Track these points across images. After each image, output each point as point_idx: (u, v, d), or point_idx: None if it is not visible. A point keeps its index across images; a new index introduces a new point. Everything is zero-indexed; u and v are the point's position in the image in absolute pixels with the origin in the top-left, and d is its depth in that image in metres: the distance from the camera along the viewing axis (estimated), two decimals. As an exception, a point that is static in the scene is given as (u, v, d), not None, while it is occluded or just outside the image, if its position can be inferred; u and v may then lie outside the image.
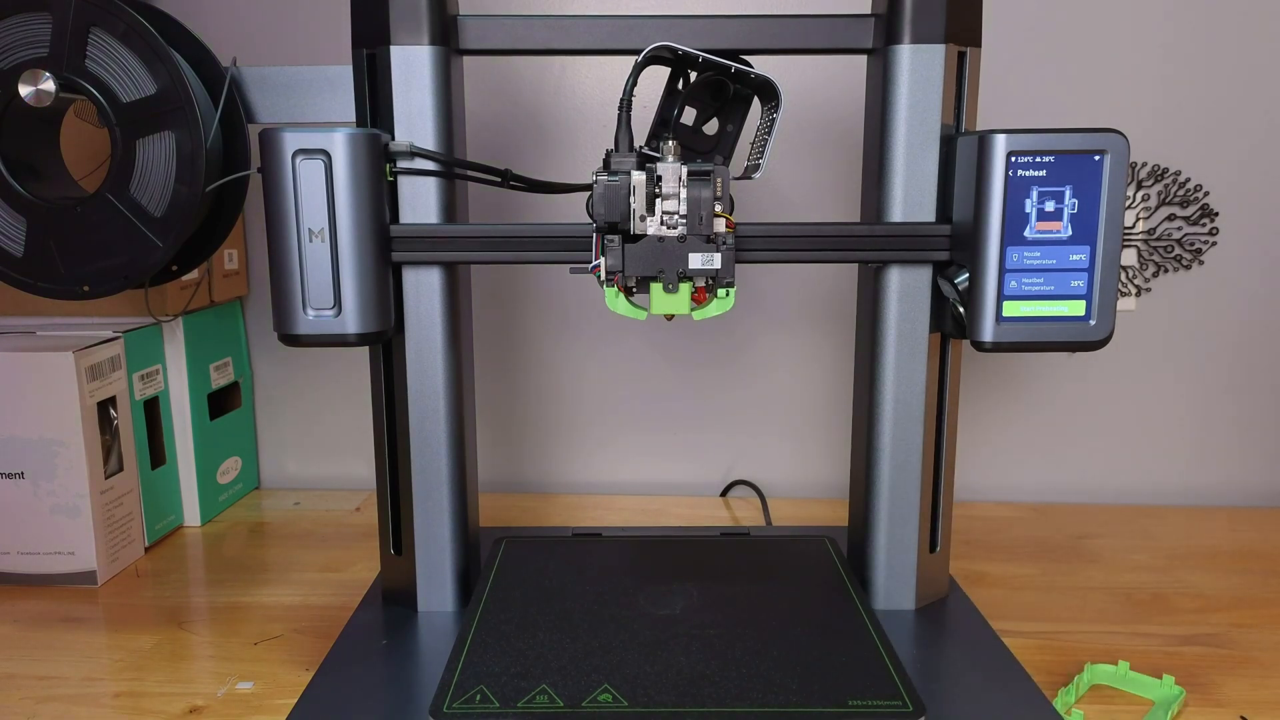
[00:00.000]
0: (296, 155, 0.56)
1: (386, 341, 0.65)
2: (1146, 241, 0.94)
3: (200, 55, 0.64)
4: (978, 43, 0.63)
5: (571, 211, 0.61)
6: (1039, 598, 0.75)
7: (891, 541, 0.68)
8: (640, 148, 0.59)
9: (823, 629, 0.59)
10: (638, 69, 0.58)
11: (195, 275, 0.87)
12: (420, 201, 0.63)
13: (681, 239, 0.57)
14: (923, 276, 0.64)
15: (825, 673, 0.54)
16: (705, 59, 0.60)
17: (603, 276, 0.58)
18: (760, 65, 0.62)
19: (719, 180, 0.57)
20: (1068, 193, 0.56)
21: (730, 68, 0.60)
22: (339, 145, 0.57)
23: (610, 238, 0.57)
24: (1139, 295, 0.95)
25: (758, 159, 0.63)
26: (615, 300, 0.59)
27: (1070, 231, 0.57)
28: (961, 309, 0.59)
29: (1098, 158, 0.56)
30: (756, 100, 0.66)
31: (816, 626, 0.60)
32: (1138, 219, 0.94)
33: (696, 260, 0.57)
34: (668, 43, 0.59)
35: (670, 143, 0.57)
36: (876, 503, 0.68)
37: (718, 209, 0.57)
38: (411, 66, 0.61)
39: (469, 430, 0.69)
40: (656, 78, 0.67)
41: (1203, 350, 0.97)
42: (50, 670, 0.65)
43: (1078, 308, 0.58)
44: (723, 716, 0.50)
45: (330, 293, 0.58)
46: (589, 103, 0.94)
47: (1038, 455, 0.99)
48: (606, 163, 0.58)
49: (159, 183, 0.61)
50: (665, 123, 0.67)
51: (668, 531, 0.83)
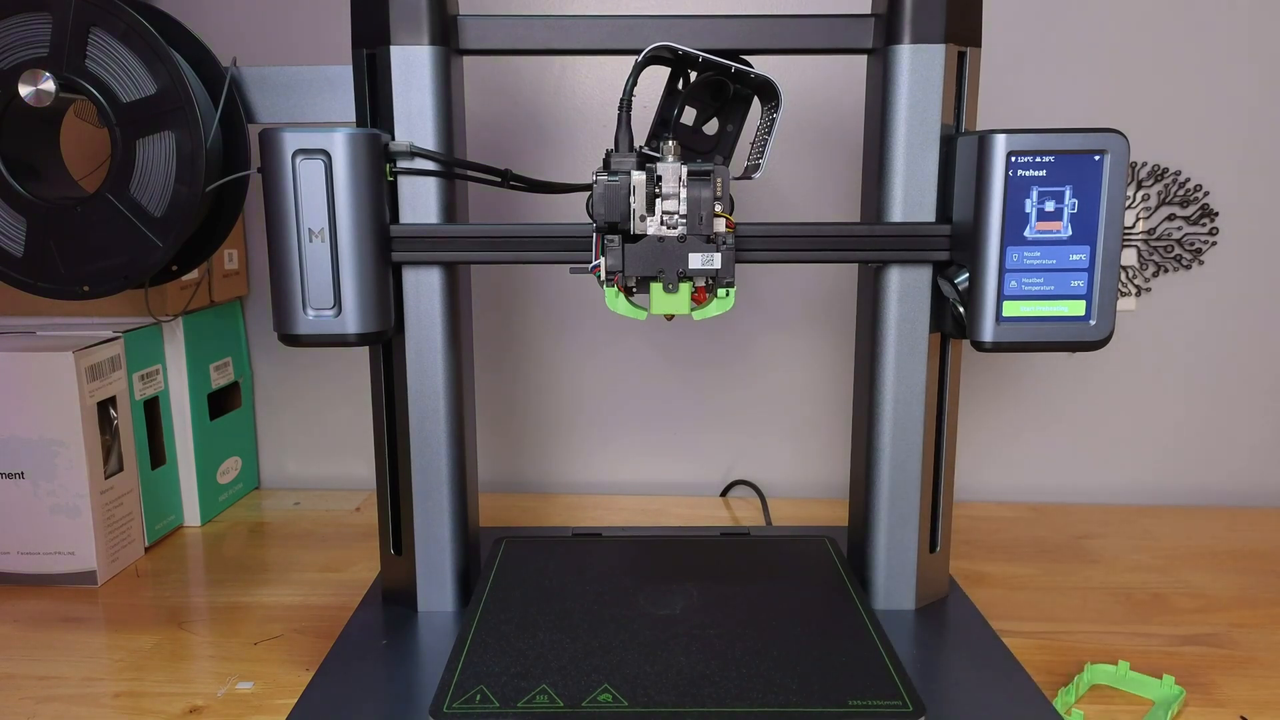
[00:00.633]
0: (296, 155, 0.56)
1: (386, 341, 0.65)
2: (1146, 241, 0.94)
3: (200, 55, 0.64)
4: (978, 42, 0.63)
5: (571, 211, 0.61)
6: (1039, 598, 0.75)
7: (891, 541, 0.68)
8: (640, 148, 0.59)
9: (823, 629, 0.59)
10: (637, 69, 0.58)
11: (195, 275, 0.87)
12: (420, 201, 0.63)
13: (681, 239, 0.57)
14: (923, 276, 0.64)
15: (825, 673, 0.54)
16: (705, 59, 0.60)
17: (603, 276, 0.58)
18: (760, 65, 0.62)
19: (719, 180, 0.57)
20: (1068, 193, 0.56)
21: (730, 68, 0.60)
22: (339, 145, 0.57)
23: (610, 238, 0.57)
24: (1139, 295, 0.95)
25: (758, 159, 0.63)
26: (615, 300, 0.59)
27: (1070, 231, 0.57)
28: (961, 309, 0.59)
29: (1098, 158, 0.56)
30: (756, 100, 0.66)
31: (816, 626, 0.60)
32: (1138, 219, 0.94)
33: (696, 260, 0.57)
34: (667, 43, 0.59)
35: (670, 143, 0.57)
36: (876, 503, 0.68)
37: (718, 209, 0.57)
38: (411, 66, 0.61)
39: (469, 430, 0.69)
40: (656, 78, 0.67)
41: (1203, 350, 0.97)
42: (50, 670, 0.65)
43: (1078, 308, 0.58)
44: (723, 716, 0.50)
45: (330, 293, 0.58)
46: (589, 103, 0.94)
47: (1038, 455, 0.99)
48: (606, 163, 0.58)
49: (159, 183, 0.61)
50: (665, 123, 0.67)
51: (668, 531, 0.83)
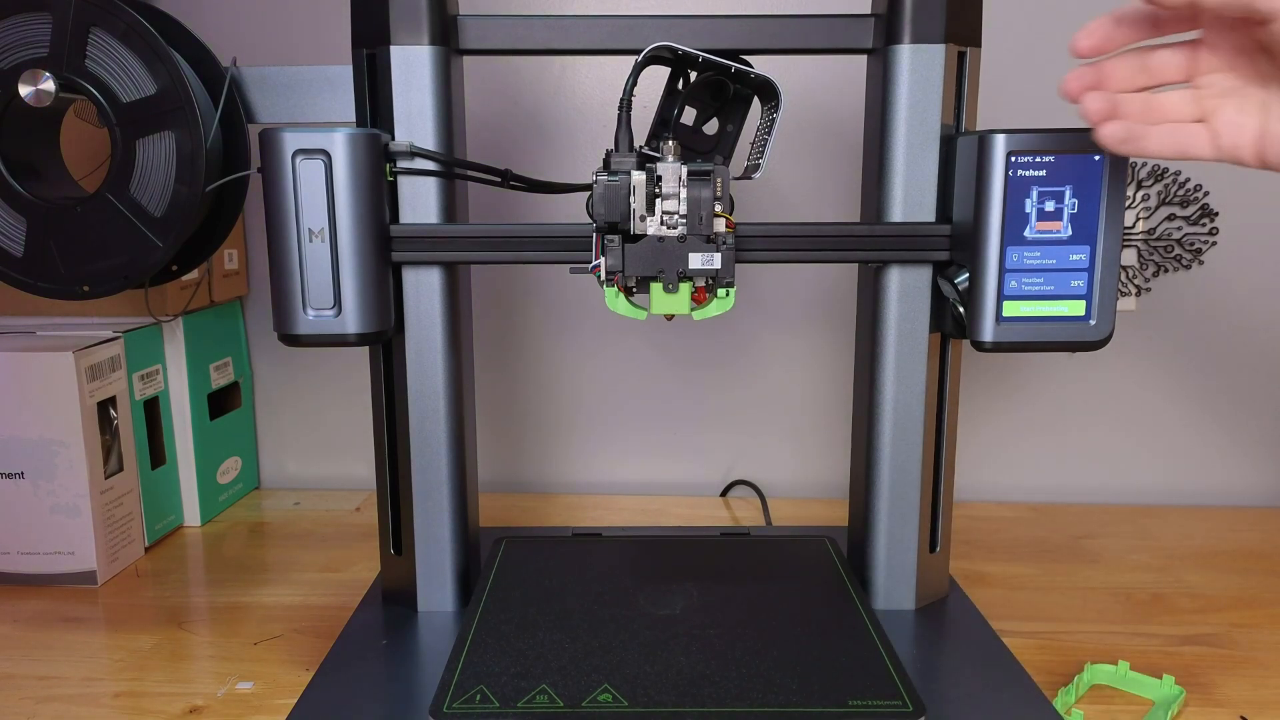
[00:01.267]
0: (296, 155, 0.56)
1: (386, 341, 0.65)
2: (1146, 241, 0.94)
3: (200, 55, 0.64)
4: (978, 42, 0.63)
5: (571, 211, 0.61)
6: (1039, 598, 0.75)
7: (891, 541, 0.68)
8: (640, 148, 0.59)
9: (823, 629, 0.59)
10: (637, 69, 0.58)
11: (195, 275, 0.87)
12: (420, 201, 0.63)
13: (681, 239, 0.57)
14: (923, 276, 0.64)
15: (825, 673, 0.54)
16: (705, 59, 0.60)
17: (603, 276, 0.58)
18: (760, 65, 0.62)
19: (719, 180, 0.57)
20: (1067, 193, 0.56)
21: (730, 68, 0.60)
22: (339, 145, 0.57)
23: (610, 238, 0.57)
24: (1139, 295, 0.95)
25: (758, 159, 0.63)
26: (615, 300, 0.59)
27: (1070, 231, 0.57)
28: (961, 309, 0.59)
29: (1098, 158, 0.56)
30: (756, 100, 0.66)
31: (816, 626, 0.60)
32: (1138, 219, 0.94)
33: (696, 260, 0.57)
34: (668, 43, 0.59)
35: (670, 143, 0.57)
36: (876, 503, 0.68)
37: (718, 209, 0.57)
38: (411, 66, 0.61)
39: (469, 430, 0.69)
40: (657, 78, 0.67)
41: (1203, 350, 0.97)
42: (50, 670, 0.65)
43: (1078, 308, 0.58)
44: (723, 716, 0.50)
45: (330, 293, 0.58)
46: (589, 103, 0.94)
47: (1038, 455, 0.99)
48: (606, 163, 0.58)
49: (159, 183, 0.61)
50: (665, 122, 0.67)
51: (668, 531, 0.83)
